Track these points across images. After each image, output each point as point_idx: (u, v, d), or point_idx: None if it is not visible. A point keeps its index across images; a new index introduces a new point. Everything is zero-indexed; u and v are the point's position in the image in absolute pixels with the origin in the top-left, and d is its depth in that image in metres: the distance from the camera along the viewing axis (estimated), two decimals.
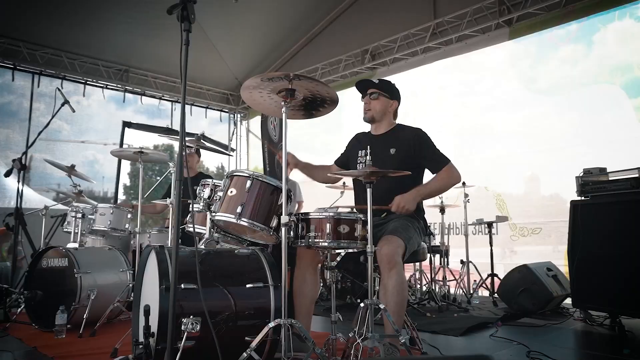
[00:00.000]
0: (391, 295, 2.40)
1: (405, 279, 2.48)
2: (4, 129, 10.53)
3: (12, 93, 7.22)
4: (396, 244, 2.47)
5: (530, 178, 5.83)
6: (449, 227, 5.85)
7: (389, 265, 2.41)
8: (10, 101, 7.29)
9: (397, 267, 2.42)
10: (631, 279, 3.34)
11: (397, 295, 2.41)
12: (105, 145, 9.80)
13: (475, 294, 4.95)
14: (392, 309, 2.32)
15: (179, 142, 1.65)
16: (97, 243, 4.40)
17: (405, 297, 2.48)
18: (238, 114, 9.73)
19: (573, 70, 5.48)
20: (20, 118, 7.37)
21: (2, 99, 7.07)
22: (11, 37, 6.69)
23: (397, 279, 2.40)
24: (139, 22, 6.88)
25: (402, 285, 2.43)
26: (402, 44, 6.84)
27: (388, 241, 2.47)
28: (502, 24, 5.86)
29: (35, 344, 3.07)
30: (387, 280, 2.42)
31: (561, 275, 4.47)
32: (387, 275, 2.42)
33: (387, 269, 2.42)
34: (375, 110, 3.01)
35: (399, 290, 2.41)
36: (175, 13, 1.70)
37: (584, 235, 3.71)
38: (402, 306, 2.45)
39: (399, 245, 2.47)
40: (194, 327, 2.00)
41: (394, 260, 2.41)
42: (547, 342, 3.17)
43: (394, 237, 2.50)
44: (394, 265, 2.41)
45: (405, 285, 2.47)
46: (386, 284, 2.42)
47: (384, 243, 2.46)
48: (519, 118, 5.86)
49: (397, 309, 2.40)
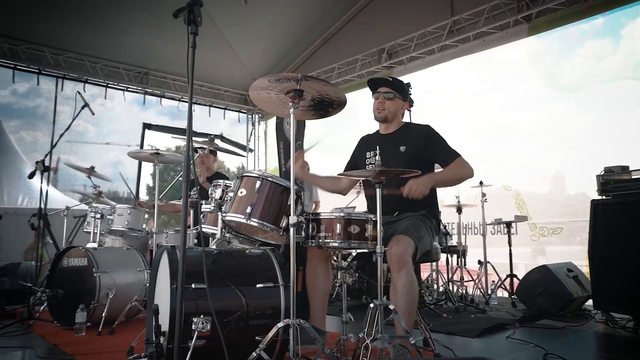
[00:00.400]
0: (401, 295, 2.38)
1: (415, 279, 2.46)
2: (31, 131, 10.79)
3: (40, 97, 7.44)
4: (406, 243, 2.45)
5: (555, 177, 5.71)
6: (466, 227, 5.78)
7: (399, 265, 2.40)
8: (38, 105, 7.52)
9: (407, 267, 2.40)
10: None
11: (407, 295, 2.39)
12: (128, 147, 9.96)
13: (493, 295, 4.87)
14: (402, 309, 2.31)
15: (187, 144, 1.67)
16: (116, 243, 4.49)
17: (415, 297, 2.46)
18: (256, 114, 9.80)
19: (598, 66, 5.34)
20: (47, 121, 7.60)
21: (31, 103, 7.29)
22: (36, 42, 6.89)
23: (406, 279, 2.38)
24: (157, 26, 6.99)
25: (411, 285, 2.41)
26: (419, 43, 6.79)
27: (398, 241, 2.45)
28: (520, 20, 5.75)
29: (56, 341, 3.15)
30: (396, 280, 2.41)
31: (582, 276, 4.37)
32: (396, 275, 2.41)
33: (396, 268, 2.40)
34: (390, 111, 3.00)
35: (408, 291, 2.39)
36: (181, 16, 1.72)
37: (605, 235, 3.62)
38: (412, 306, 2.43)
39: (409, 245, 2.45)
40: (205, 326, 2.02)
41: (403, 260, 2.39)
42: (565, 344, 3.10)
43: (404, 236, 2.48)
44: (404, 265, 2.39)
45: (415, 285, 2.45)
46: (396, 284, 2.41)
47: (394, 243, 2.44)
48: (541, 116, 5.74)
49: (407, 308, 2.38)
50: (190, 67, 1.70)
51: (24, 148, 11.97)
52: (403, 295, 2.38)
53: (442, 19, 6.43)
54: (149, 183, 9.75)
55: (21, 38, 6.78)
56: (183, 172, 1.64)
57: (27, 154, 11.69)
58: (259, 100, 2.31)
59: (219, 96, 9.08)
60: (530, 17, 5.68)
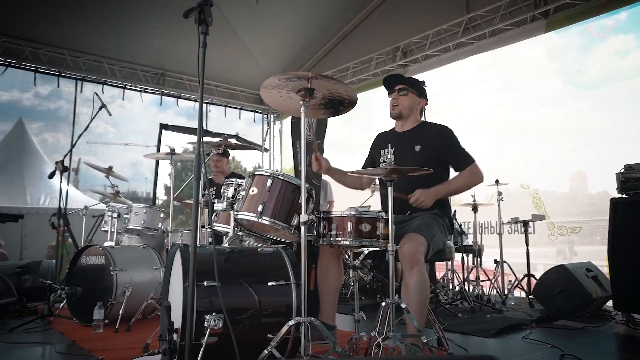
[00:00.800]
0: (412, 293, 2.37)
1: (426, 278, 2.44)
2: (53, 132, 11.05)
3: (61, 99, 7.58)
4: (418, 241, 2.43)
5: (576, 175, 5.60)
6: (482, 226, 5.72)
7: (410, 264, 2.38)
8: (59, 107, 7.66)
9: (419, 266, 2.39)
10: None
11: (419, 293, 2.38)
12: (147, 147, 10.11)
13: (510, 295, 4.81)
14: (413, 307, 2.30)
15: (197, 144, 1.69)
16: (133, 242, 4.56)
17: (426, 295, 2.45)
18: (271, 114, 9.84)
19: (620, 63, 5.22)
20: (68, 122, 7.72)
21: (52, 105, 7.44)
22: (56, 45, 7.03)
23: (418, 277, 2.37)
24: (173, 27, 7.07)
25: (423, 283, 2.40)
26: (434, 40, 6.73)
27: (410, 239, 2.44)
28: (538, 16, 5.65)
29: (74, 338, 3.22)
30: (408, 278, 2.40)
31: (602, 276, 4.27)
32: (408, 273, 2.40)
33: (408, 267, 2.39)
34: (404, 106, 2.99)
35: (420, 289, 2.38)
36: (192, 16, 1.74)
37: (625, 234, 3.54)
38: (424, 305, 2.42)
39: (421, 243, 2.44)
40: (217, 323, 2.04)
41: (415, 259, 2.38)
42: (583, 345, 3.04)
43: (416, 234, 2.47)
44: (416, 263, 2.38)
45: (427, 283, 2.44)
46: (407, 282, 2.40)
47: (406, 241, 2.43)
48: (560, 114, 5.63)
49: (419, 307, 2.37)
50: (201, 67, 1.72)
51: (46, 149, 12.22)
52: (415, 293, 2.37)
53: (458, 16, 6.36)
54: (166, 183, 9.92)
55: (42, 41, 6.93)
56: (194, 171, 1.66)
57: (48, 155, 11.95)
58: (270, 99, 2.32)
59: (234, 96, 9.14)
60: (547, 13, 5.58)
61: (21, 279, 5.17)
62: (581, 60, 5.55)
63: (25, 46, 6.80)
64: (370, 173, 2.61)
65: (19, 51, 6.81)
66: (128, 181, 5.00)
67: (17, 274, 5.13)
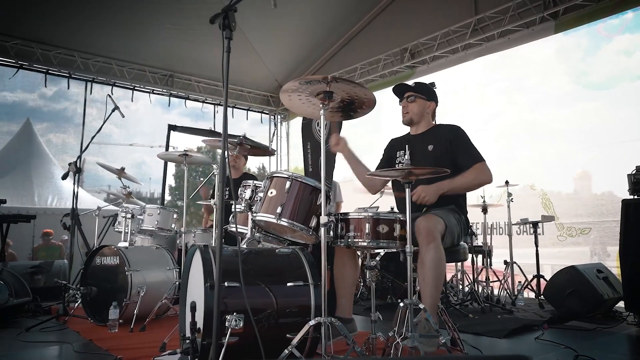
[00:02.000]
0: (429, 269, 2.41)
1: (443, 254, 2.47)
2: (60, 134, 11.05)
3: (68, 100, 7.66)
4: (435, 220, 2.48)
5: (581, 176, 5.61)
6: (492, 227, 5.73)
7: (428, 239, 2.42)
8: (66, 107, 7.74)
9: (436, 242, 2.42)
10: None
11: (435, 269, 2.42)
12: (151, 148, 10.13)
13: (520, 296, 4.82)
14: (428, 284, 2.35)
15: (222, 145, 1.72)
16: (146, 242, 4.60)
17: (443, 273, 2.49)
18: (278, 115, 9.88)
19: (628, 62, 5.22)
20: (74, 123, 7.81)
21: (59, 106, 7.51)
22: (67, 47, 7.10)
23: (435, 253, 2.41)
24: (182, 29, 7.13)
25: (440, 259, 2.43)
26: (442, 42, 6.74)
27: (427, 217, 2.49)
28: (547, 18, 5.66)
29: (91, 337, 3.25)
30: (424, 254, 2.43)
31: (613, 277, 4.28)
32: (425, 248, 2.43)
33: (425, 242, 2.42)
34: (414, 112, 3.05)
35: (437, 264, 2.42)
36: (217, 22, 1.77)
37: (636, 235, 3.55)
38: (440, 282, 2.48)
39: (438, 222, 2.49)
40: (237, 323, 2.07)
41: (432, 235, 2.42)
42: (596, 346, 3.05)
43: (433, 215, 2.52)
44: (433, 239, 2.42)
45: (443, 260, 2.47)
46: (424, 258, 2.43)
47: (423, 219, 2.48)
48: (568, 114, 5.64)
49: (435, 283, 2.42)
50: (225, 71, 1.75)
51: (52, 150, 12.33)
52: (431, 269, 2.41)
53: (466, 18, 6.37)
54: (171, 184, 9.93)
55: (52, 43, 6.99)
56: (219, 171, 1.69)
57: (55, 156, 12.04)
58: (290, 103, 2.35)
59: (241, 97, 9.19)
60: (557, 14, 5.59)
61: (34, 278, 5.23)
62: (588, 60, 5.55)
63: (36, 48, 6.87)
64: (388, 175, 2.64)
65: (30, 53, 6.88)
66: (140, 183, 5.04)
67: (30, 274, 5.19)
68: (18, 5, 6.24)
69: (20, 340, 3.24)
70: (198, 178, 21.14)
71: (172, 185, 24.35)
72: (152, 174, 15.19)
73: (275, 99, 9.63)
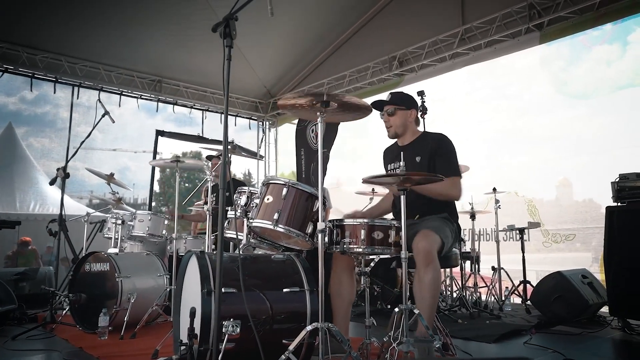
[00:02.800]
0: (428, 290, 2.47)
1: (440, 274, 2.57)
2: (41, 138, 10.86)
3: (49, 104, 7.54)
4: (432, 239, 2.52)
5: (563, 183, 5.73)
6: (479, 233, 5.81)
7: (426, 261, 2.47)
8: (47, 112, 7.61)
9: (434, 263, 2.48)
10: None
11: (434, 289, 2.50)
12: (135, 153, 10.02)
13: (507, 301, 4.90)
14: (427, 303, 2.41)
15: (223, 154, 1.73)
16: (135, 248, 4.56)
17: (439, 291, 2.58)
18: (267, 121, 9.89)
19: (607, 72, 5.38)
20: (57, 128, 7.69)
21: (40, 110, 7.38)
22: (53, 51, 7.02)
23: (433, 275, 2.48)
24: (172, 34, 7.11)
25: (437, 280, 2.53)
26: (430, 50, 6.84)
27: (425, 236, 2.52)
28: (532, 29, 5.79)
29: (80, 345, 3.22)
30: (423, 275, 2.48)
31: (597, 282, 4.38)
32: (423, 270, 2.48)
33: (424, 264, 2.47)
34: (396, 125, 3.07)
35: (435, 286, 2.50)
36: (219, 30, 1.80)
37: (620, 241, 3.64)
38: (437, 298, 2.57)
39: (435, 241, 2.53)
40: (234, 329, 2.08)
41: (431, 256, 2.47)
42: (583, 350, 3.13)
43: (431, 232, 2.56)
44: (431, 260, 2.47)
45: (440, 280, 2.59)
46: (422, 279, 2.48)
47: (422, 238, 2.51)
48: (551, 122, 5.78)
49: (432, 302, 2.51)
50: (226, 79, 1.77)
51: (33, 155, 12.10)
52: (430, 289, 2.47)
53: (454, 27, 6.48)
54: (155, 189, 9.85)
55: (39, 47, 6.91)
56: (220, 179, 1.71)
57: (36, 160, 11.81)
58: (289, 110, 2.38)
59: (230, 103, 9.15)
60: (541, 25, 5.72)
61: (19, 286, 5.14)
62: (570, 69, 5.70)
63: (22, 52, 6.78)
64: (384, 182, 2.68)
65: (16, 57, 6.78)
66: (130, 189, 5.00)
67: (14, 281, 5.10)
68: (4, 8, 6.16)
69: (7, 349, 3.18)
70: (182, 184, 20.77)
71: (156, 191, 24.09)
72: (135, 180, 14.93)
73: (264, 105, 9.64)
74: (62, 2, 6.24)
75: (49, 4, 6.20)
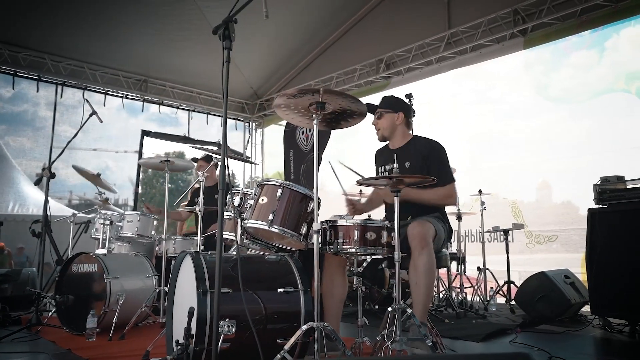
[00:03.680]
0: (422, 274, 2.49)
1: (434, 259, 2.57)
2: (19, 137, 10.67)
3: (27, 102, 7.38)
4: (427, 225, 2.58)
5: (542, 186, 5.86)
6: (464, 234, 5.90)
7: (421, 245, 2.50)
8: (25, 110, 7.45)
9: (428, 247, 2.51)
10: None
11: (428, 275, 2.51)
12: (116, 153, 9.93)
13: (492, 301, 4.99)
14: (421, 290, 2.43)
15: (222, 156, 1.75)
16: (123, 249, 4.52)
17: (434, 277, 2.59)
18: (253, 122, 9.88)
19: (586, 77, 5.53)
20: (35, 127, 7.53)
21: (17, 108, 7.20)
22: (37, 49, 6.91)
23: (428, 259, 2.50)
24: (158, 34, 7.06)
25: (432, 264, 2.53)
26: (417, 54, 6.94)
27: (420, 223, 2.57)
28: (516, 34, 5.92)
29: (68, 347, 3.18)
30: (417, 259, 2.51)
31: (578, 282, 4.50)
32: (418, 254, 2.51)
33: (418, 247, 2.50)
34: (384, 128, 3.13)
35: (429, 270, 2.51)
36: (219, 33, 1.81)
37: (601, 242, 3.75)
38: (432, 288, 2.59)
39: (430, 228, 2.58)
40: (230, 329, 2.09)
41: (425, 240, 2.51)
42: (567, 348, 3.21)
43: (425, 220, 2.61)
44: (426, 244, 2.50)
45: (434, 265, 2.57)
46: (417, 263, 2.51)
47: (416, 224, 2.56)
48: (533, 125, 5.91)
49: (427, 290, 2.51)
50: (225, 81, 1.79)
51: (10, 154, 11.83)
52: (424, 274, 2.49)
53: (440, 31, 6.59)
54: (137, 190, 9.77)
55: (22, 45, 6.79)
56: (219, 181, 1.72)
57: (14, 159, 11.55)
58: (286, 116, 2.40)
59: (216, 104, 9.14)
60: (525, 31, 5.86)
61: (1, 287, 5.04)
62: (550, 74, 5.84)
63: (4, 49, 6.66)
64: (378, 183, 2.72)
65: None
66: (116, 191, 4.95)
67: None
68: None
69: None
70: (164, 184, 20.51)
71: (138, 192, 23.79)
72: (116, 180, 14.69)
73: (250, 106, 9.63)
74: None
75: (32, 0, 6.11)
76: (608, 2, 5.17)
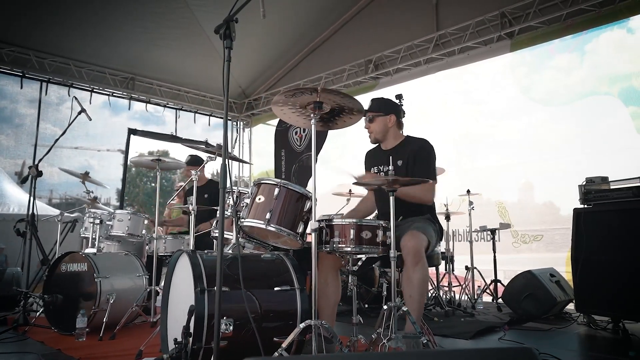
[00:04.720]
0: (417, 288, 2.55)
1: (428, 273, 2.64)
2: None
3: (5, 98, 7.22)
4: (420, 238, 2.61)
5: (524, 186, 5.97)
6: (452, 234, 5.97)
7: (415, 259, 2.55)
8: (3, 107, 7.28)
9: (422, 261, 2.57)
10: (633, 284, 3.46)
11: (422, 287, 2.59)
12: (99, 152, 9.75)
13: (479, 300, 5.06)
14: (416, 302, 2.49)
15: (222, 156, 1.75)
16: (112, 248, 4.48)
17: (427, 289, 2.66)
18: (241, 121, 9.85)
19: (567, 80, 5.65)
20: (13, 124, 7.40)
21: None
22: (21, 45, 6.78)
23: (422, 272, 2.56)
24: (147, 32, 7.00)
25: (426, 278, 2.63)
26: (405, 55, 7.00)
27: (413, 235, 2.61)
28: (503, 37, 6.02)
29: (58, 347, 3.14)
30: (412, 273, 2.56)
31: (563, 280, 4.60)
32: (412, 269, 2.56)
33: (413, 262, 2.55)
34: (376, 131, 3.16)
35: (423, 284, 2.60)
36: (220, 32, 1.82)
37: (586, 241, 3.84)
38: (425, 297, 2.68)
39: (423, 240, 2.62)
40: (228, 327, 2.10)
41: (419, 254, 2.56)
42: (554, 345, 3.28)
43: (418, 232, 2.65)
44: (420, 259, 2.56)
45: (428, 278, 2.66)
46: (411, 277, 2.56)
47: (410, 237, 2.59)
48: (518, 126, 6.01)
49: (421, 300, 2.59)
50: (226, 81, 1.79)
51: None
52: (419, 288, 2.56)
53: (429, 33, 6.66)
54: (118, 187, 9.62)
55: (5, 41, 6.67)
56: (220, 180, 1.73)
57: None
58: (284, 115, 2.41)
59: (204, 103, 9.09)
60: (512, 34, 5.96)
61: None
62: (533, 76, 5.95)
63: None
64: (374, 183, 2.75)
65: None
66: (106, 186, 4.90)
67: None
68: None
69: None
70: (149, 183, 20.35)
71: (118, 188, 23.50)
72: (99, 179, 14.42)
73: (239, 105, 9.60)
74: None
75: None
76: (592, 7, 5.30)
